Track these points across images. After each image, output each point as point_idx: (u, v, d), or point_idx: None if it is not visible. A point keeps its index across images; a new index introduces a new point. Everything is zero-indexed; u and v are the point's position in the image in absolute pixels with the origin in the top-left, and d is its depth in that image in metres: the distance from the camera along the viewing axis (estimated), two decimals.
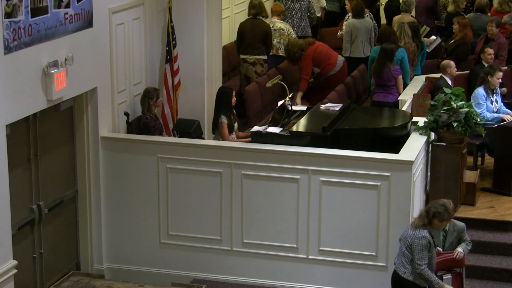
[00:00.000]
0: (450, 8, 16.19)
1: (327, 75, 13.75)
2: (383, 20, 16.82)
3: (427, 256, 8.06)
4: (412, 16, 15.50)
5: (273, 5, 15.63)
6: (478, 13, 15.74)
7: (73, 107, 9.56)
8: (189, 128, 10.43)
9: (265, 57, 14.36)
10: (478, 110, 10.85)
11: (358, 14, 14.90)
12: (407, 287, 8.20)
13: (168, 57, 10.71)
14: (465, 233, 8.90)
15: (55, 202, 9.39)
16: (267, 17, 14.93)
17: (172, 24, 10.65)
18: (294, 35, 14.88)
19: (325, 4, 17.58)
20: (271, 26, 14.66)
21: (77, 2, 8.91)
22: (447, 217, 8.12)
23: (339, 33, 15.60)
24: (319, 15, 17.32)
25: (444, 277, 8.57)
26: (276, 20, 15.07)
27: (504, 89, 12.82)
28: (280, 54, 14.75)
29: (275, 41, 14.69)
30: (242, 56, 14.42)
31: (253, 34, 14.30)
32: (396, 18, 15.37)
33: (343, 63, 13.93)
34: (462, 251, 8.73)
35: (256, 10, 14.62)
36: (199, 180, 9.71)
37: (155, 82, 10.87)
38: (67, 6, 8.72)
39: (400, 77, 12.65)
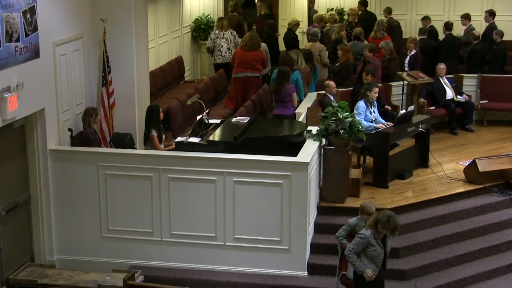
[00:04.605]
0: (333, 36, 16.43)
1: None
2: (282, 47, 16.94)
3: (359, 248, 8.01)
4: (320, 43, 15.62)
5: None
6: (355, 40, 16.00)
7: (24, 125, 9.41)
8: (123, 140, 10.34)
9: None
10: (358, 118, 10.99)
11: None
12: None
13: (104, 81, 10.60)
14: None
15: (11, 206, 9.23)
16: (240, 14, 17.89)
17: (106, 54, 10.55)
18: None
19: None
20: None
21: (26, 37, 8.77)
22: (387, 226, 7.93)
23: None
24: None
25: None
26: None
27: (388, 107, 13.09)
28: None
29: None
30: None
31: (231, 25, 16.58)
32: (308, 45, 15.53)
33: None
34: None
35: (231, 8, 17.71)
36: (133, 183, 9.63)
37: (94, 102, 10.75)
38: (17, 40, 8.58)
39: (295, 94, 12.69)
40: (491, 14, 16.48)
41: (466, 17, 16.63)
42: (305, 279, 9.48)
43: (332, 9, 19.51)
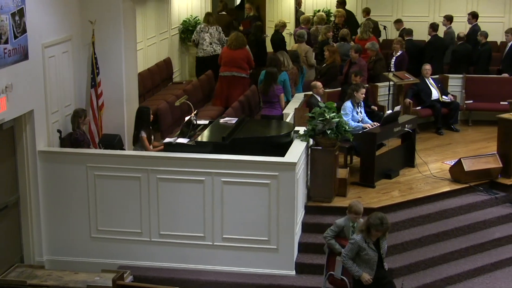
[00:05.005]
0: (320, 38, 16.43)
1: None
2: (269, 49, 16.93)
3: (353, 253, 8.05)
4: (307, 44, 15.64)
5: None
6: (342, 42, 16.02)
7: (14, 127, 9.35)
8: (112, 141, 10.33)
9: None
10: (345, 119, 10.99)
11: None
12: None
13: (93, 83, 10.57)
14: None
15: (0, 207, 9.17)
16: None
17: (95, 56, 10.51)
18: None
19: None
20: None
21: (15, 39, 8.72)
22: (381, 228, 7.95)
23: None
24: None
25: None
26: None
27: (374, 107, 13.10)
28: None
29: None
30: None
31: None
32: (294, 46, 15.54)
33: None
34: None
35: (220, 8, 18.34)
36: (122, 184, 9.59)
37: (83, 104, 10.70)
38: (6, 42, 8.53)
39: (282, 95, 12.72)
40: (474, 16, 16.56)
41: (448, 19, 16.67)
42: (293, 278, 9.47)
43: (319, 11, 19.51)
